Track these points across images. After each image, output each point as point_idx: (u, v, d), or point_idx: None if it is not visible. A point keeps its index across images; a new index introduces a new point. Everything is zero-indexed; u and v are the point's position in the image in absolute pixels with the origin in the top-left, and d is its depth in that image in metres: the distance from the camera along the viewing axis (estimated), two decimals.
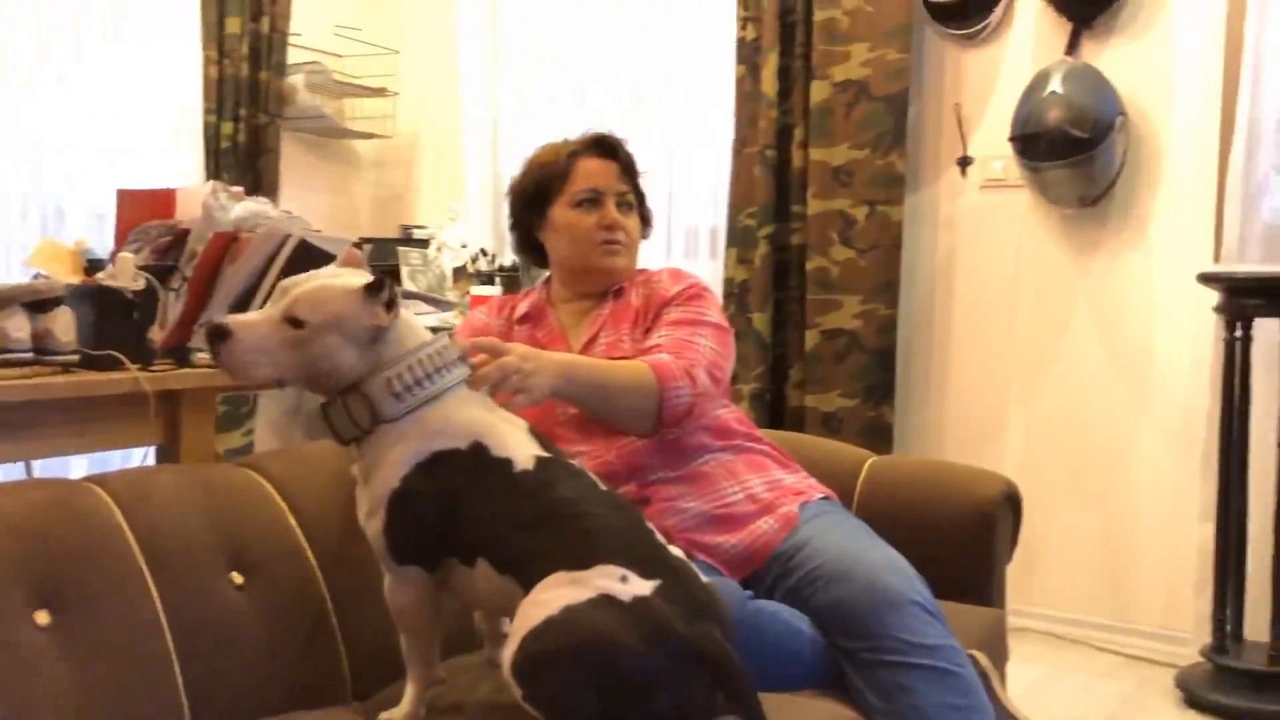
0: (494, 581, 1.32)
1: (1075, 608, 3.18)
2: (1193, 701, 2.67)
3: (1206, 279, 2.71)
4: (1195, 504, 2.94)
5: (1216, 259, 2.92)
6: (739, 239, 3.50)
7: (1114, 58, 3.07)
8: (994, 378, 3.32)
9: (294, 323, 1.32)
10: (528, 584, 1.27)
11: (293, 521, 1.57)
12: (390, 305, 1.35)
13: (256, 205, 2.03)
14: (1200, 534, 2.88)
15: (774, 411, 3.46)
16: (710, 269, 3.67)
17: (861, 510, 1.98)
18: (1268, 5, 2.81)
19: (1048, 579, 3.23)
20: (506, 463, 1.35)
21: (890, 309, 3.29)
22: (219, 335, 1.32)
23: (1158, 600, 3.06)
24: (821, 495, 1.80)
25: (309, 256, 2.00)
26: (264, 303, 1.45)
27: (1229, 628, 2.72)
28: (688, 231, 3.76)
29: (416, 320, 1.43)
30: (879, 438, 3.27)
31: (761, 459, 1.82)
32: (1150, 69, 3.04)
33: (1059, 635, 3.16)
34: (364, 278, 1.37)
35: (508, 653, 1.22)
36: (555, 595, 1.23)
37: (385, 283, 1.34)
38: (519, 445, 1.38)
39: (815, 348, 3.36)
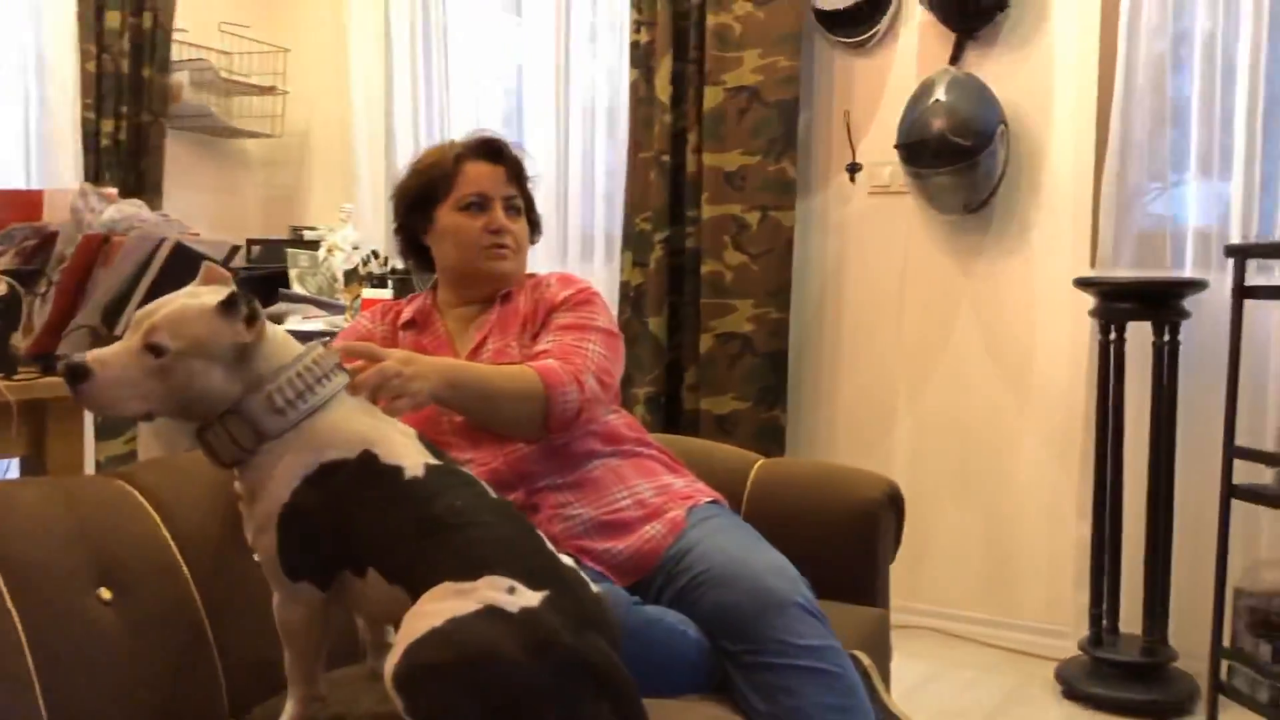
0: (384, 591, 1.30)
1: (961, 604, 3.26)
2: (1071, 693, 2.76)
3: (1082, 284, 2.80)
4: (1074, 501, 3.04)
5: (1093, 264, 3.02)
6: (634, 243, 3.51)
7: (996, 69, 3.15)
8: (882, 379, 3.39)
9: (155, 351, 1.27)
10: (417, 593, 1.25)
11: (166, 534, 1.52)
12: (252, 320, 1.31)
13: (130, 208, 1.96)
14: (1079, 531, 2.98)
15: (669, 415, 3.48)
16: (606, 273, 3.67)
17: (750, 513, 2.00)
18: (1138, 23, 2.91)
19: (934, 576, 3.30)
20: (397, 470, 1.33)
21: (782, 313, 3.33)
22: (77, 374, 1.26)
23: (1040, 596, 3.16)
24: (710, 499, 1.81)
25: (186, 261, 1.94)
26: (140, 307, 1.41)
27: (1105, 621, 2.82)
28: (583, 235, 3.76)
29: (284, 331, 1.39)
30: (772, 440, 3.31)
31: (650, 464, 1.83)
32: (1030, 80, 3.13)
33: (945, 631, 3.24)
34: (223, 295, 1.33)
35: (390, 664, 1.20)
36: (441, 607, 1.22)
37: (240, 298, 1.30)
38: (409, 452, 1.35)
39: (709, 351, 3.39)
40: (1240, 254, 2.20)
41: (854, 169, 3.39)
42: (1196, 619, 2.74)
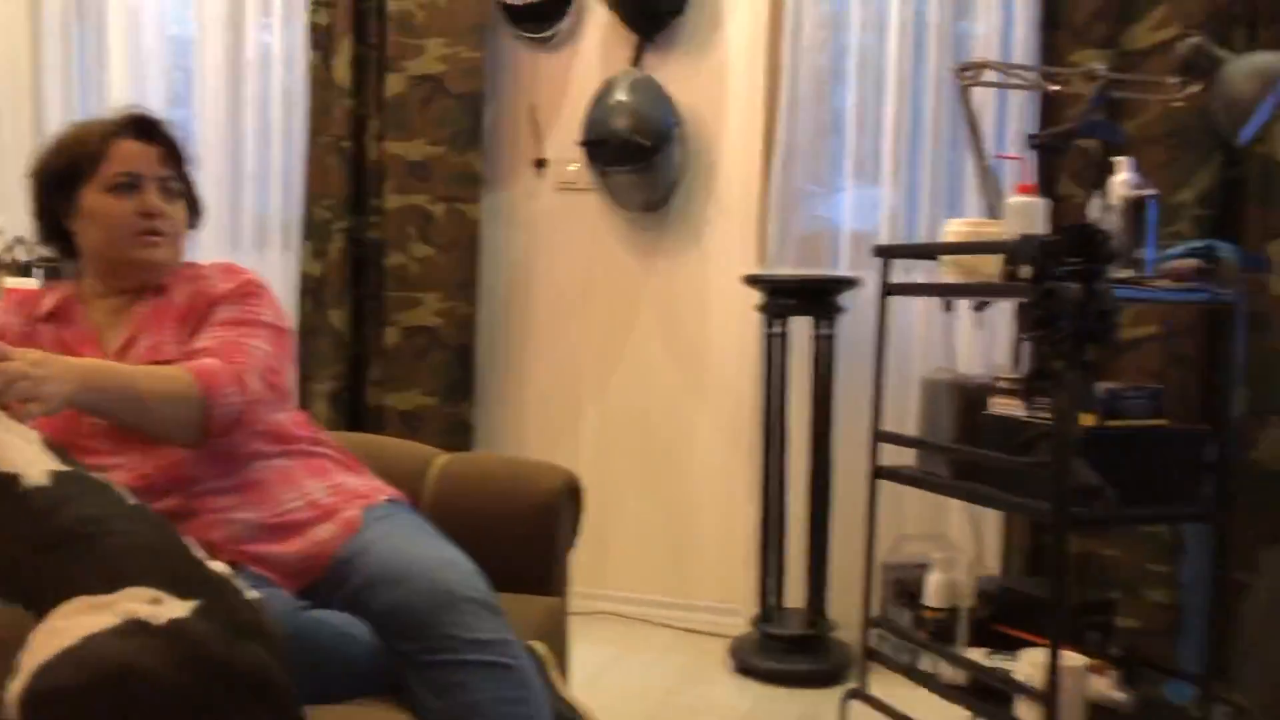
0: (2, 615, 1.17)
1: (643, 588, 3.37)
2: (743, 668, 2.91)
3: (750, 280, 2.96)
4: (746, 486, 3.21)
5: (761, 262, 3.20)
6: (314, 232, 3.38)
7: (674, 72, 3.27)
8: (570, 374, 3.44)
9: None
10: (43, 613, 1.14)
11: None
12: None
13: None
14: (750, 513, 3.15)
15: (353, 411, 3.38)
16: (283, 263, 3.51)
17: (432, 509, 1.97)
18: (801, 37, 3.11)
19: (619, 563, 3.40)
20: (11, 479, 1.21)
21: (470, 306, 3.31)
22: None
23: (715, 576, 3.31)
24: (387, 498, 1.77)
25: None
26: None
27: (773, 598, 3.00)
28: (258, 222, 3.57)
29: None
30: (460, 435, 3.29)
31: (324, 463, 1.76)
32: (705, 85, 3.27)
33: (629, 616, 3.34)
34: None
35: (13, 690, 1.09)
36: (74, 623, 1.12)
37: None
38: (29, 459, 1.23)
39: (395, 345, 3.32)
40: (886, 254, 2.39)
41: (540, 164, 3.42)
42: (853, 592, 2.96)
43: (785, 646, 2.89)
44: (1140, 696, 2.07)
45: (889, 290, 2.35)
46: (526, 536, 1.95)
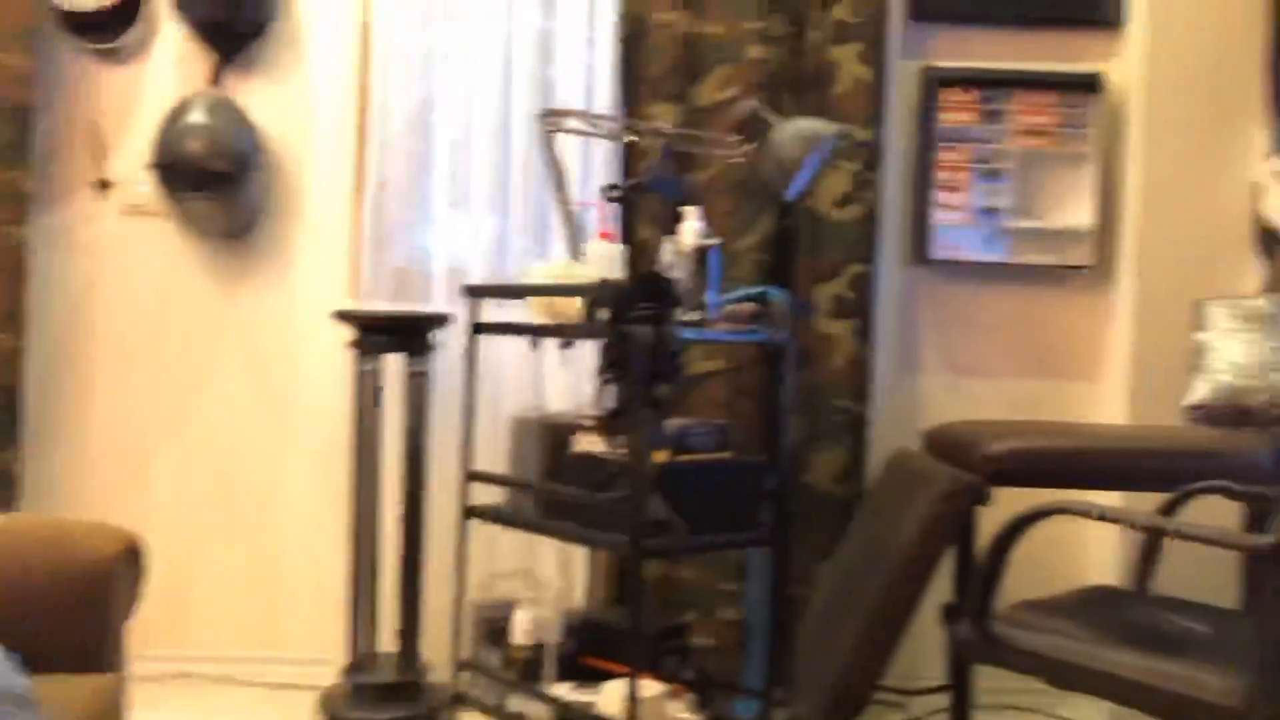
0: None
1: (228, 645, 3.16)
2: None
3: (340, 316, 2.86)
4: (340, 529, 3.09)
5: (354, 297, 3.11)
6: None
7: (256, 95, 3.11)
8: (141, 416, 3.16)
9: None
10: None
11: None
12: None
13: None
14: (343, 558, 3.03)
15: None
16: None
17: None
18: (391, 73, 3.07)
19: (200, 620, 3.15)
20: None
21: (15, 341, 2.95)
22: None
23: (307, 626, 3.16)
24: None
25: None
26: None
27: (365, 645, 2.90)
28: None
29: None
30: (1, 491, 2.91)
31: None
32: (291, 112, 3.13)
33: (212, 676, 3.11)
34: None
35: None
36: None
37: None
38: None
39: None
40: (475, 293, 2.40)
41: (104, 186, 3.12)
42: (447, 634, 2.93)
43: (376, 695, 2.80)
44: (713, 716, 2.21)
45: (478, 329, 2.36)
46: (73, 609, 1.74)
